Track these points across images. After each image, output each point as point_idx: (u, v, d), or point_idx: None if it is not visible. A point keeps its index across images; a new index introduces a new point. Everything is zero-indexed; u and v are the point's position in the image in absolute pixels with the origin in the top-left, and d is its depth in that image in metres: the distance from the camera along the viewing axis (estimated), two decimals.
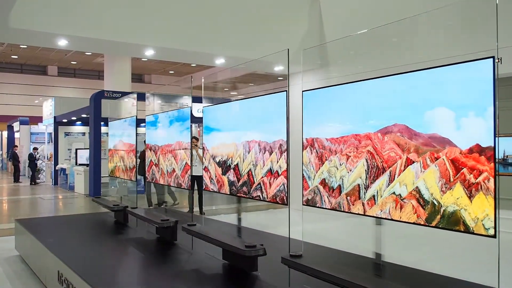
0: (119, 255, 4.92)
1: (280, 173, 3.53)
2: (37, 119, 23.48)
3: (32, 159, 18.33)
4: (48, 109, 19.42)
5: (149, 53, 9.81)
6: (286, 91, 3.49)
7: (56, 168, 17.74)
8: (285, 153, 3.48)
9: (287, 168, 3.45)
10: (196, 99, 7.00)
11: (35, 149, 19.38)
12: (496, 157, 2.17)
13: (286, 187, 3.49)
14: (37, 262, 5.36)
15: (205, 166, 4.65)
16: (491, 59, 2.21)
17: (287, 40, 10.04)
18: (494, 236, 2.21)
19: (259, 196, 3.78)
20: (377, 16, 8.89)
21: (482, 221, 2.23)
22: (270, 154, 3.62)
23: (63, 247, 5.04)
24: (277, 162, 3.55)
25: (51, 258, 4.63)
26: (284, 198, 3.51)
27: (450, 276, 3.86)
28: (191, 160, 4.83)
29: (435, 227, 2.48)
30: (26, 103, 28.51)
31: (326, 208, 3.20)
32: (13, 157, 19.89)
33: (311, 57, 10.43)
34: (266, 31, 10.04)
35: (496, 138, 2.16)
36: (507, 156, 8.10)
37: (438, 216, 2.43)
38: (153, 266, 4.38)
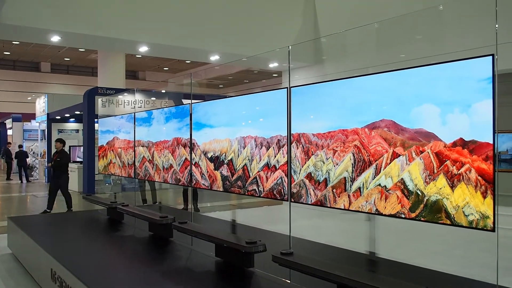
0: (113, 252, 4.90)
1: (277, 167, 3.58)
2: (30, 116, 23.31)
3: (22, 157, 18.28)
4: (41, 106, 19.28)
5: (143, 49, 9.76)
6: (287, 87, 3.51)
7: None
8: (283, 148, 3.54)
9: (288, 164, 3.47)
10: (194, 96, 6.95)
11: (20, 146, 19.53)
12: (495, 153, 2.26)
13: (283, 181, 3.53)
14: (30, 260, 5.32)
15: (195, 162, 4.65)
16: (490, 56, 2.28)
17: (281, 37, 10.04)
18: (493, 229, 2.29)
19: (254, 190, 3.81)
20: (372, 13, 8.90)
21: (462, 208, 2.39)
22: (267, 149, 3.66)
23: (56, 245, 5.02)
24: (275, 156, 3.59)
25: (44, 256, 4.60)
26: (282, 191, 3.55)
27: (443, 271, 3.88)
28: (191, 157, 4.80)
29: (421, 220, 2.57)
30: (19, 100, 28.29)
31: (313, 204, 3.27)
32: (6, 154, 19.79)
33: (304, 54, 10.45)
34: (260, 27, 10.02)
35: (496, 135, 2.25)
36: (499, 152, 8.16)
37: (421, 205, 2.57)
38: (147, 263, 4.36)
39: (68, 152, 10.06)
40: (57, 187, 9.73)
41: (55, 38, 8.63)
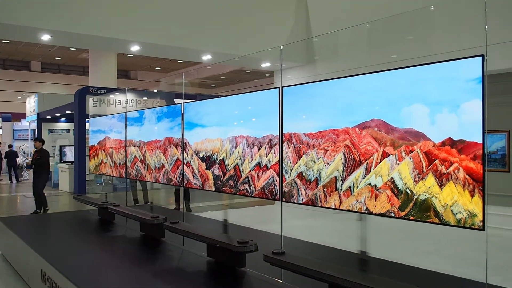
0: (103, 253, 4.87)
1: (269, 167, 3.59)
2: (20, 116, 23.10)
3: (12, 157, 18.14)
4: (31, 105, 19.13)
5: (135, 48, 9.71)
6: (279, 87, 3.51)
7: None
8: (274, 148, 3.55)
9: (280, 163, 3.48)
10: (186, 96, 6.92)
11: (10, 146, 19.32)
12: (485, 153, 2.29)
13: (275, 180, 3.54)
14: (20, 261, 5.28)
15: (187, 162, 4.64)
16: (480, 57, 2.31)
17: (274, 37, 10.04)
18: (483, 228, 2.32)
19: (246, 189, 3.81)
20: (364, 13, 8.93)
21: (451, 207, 2.42)
22: (259, 148, 3.67)
23: (46, 245, 4.98)
24: (266, 156, 3.60)
25: (34, 257, 4.56)
26: (273, 190, 3.56)
27: (434, 271, 3.91)
28: (182, 157, 4.79)
29: (410, 219, 2.61)
30: (9, 99, 27.99)
31: (304, 204, 3.29)
32: None
33: (296, 54, 10.46)
34: (253, 27, 10.02)
35: (485, 135, 2.28)
36: (489, 152, 8.23)
37: (411, 204, 2.60)
38: (138, 263, 4.35)
39: (48, 151, 9.89)
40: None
41: (45, 37, 8.55)
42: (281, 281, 3.51)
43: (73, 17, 8.08)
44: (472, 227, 2.34)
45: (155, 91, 15.52)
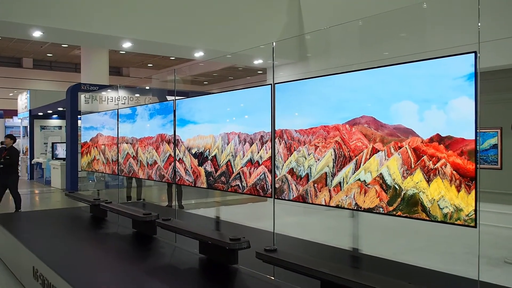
0: (96, 250, 4.85)
1: (260, 163, 3.61)
2: (12, 113, 22.92)
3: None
4: (23, 102, 18.98)
5: (127, 45, 9.65)
6: (271, 84, 3.51)
7: (32, 162, 17.38)
8: (266, 144, 3.57)
9: (272, 160, 3.50)
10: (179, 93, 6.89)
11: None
12: (478, 149, 2.31)
13: (266, 176, 3.56)
14: (12, 258, 5.25)
15: (180, 158, 4.64)
16: (471, 54, 2.33)
17: (266, 34, 10.03)
18: (475, 225, 2.33)
19: (238, 185, 3.82)
20: (357, 10, 8.94)
21: (437, 202, 2.46)
22: (251, 145, 3.68)
23: (38, 243, 4.95)
24: (258, 152, 3.61)
25: (26, 254, 4.54)
26: (265, 186, 3.58)
27: (426, 267, 3.94)
28: (174, 154, 4.79)
29: (398, 215, 2.64)
30: (0, 96, 27.77)
31: (295, 200, 3.31)
32: None
33: (288, 51, 10.45)
34: (245, 24, 10.00)
35: (478, 132, 2.31)
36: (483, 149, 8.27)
37: (399, 199, 2.64)
38: (130, 260, 4.34)
39: (18, 150, 9.40)
40: (5, 187, 9.03)
41: (37, 34, 8.47)
42: (273, 278, 3.52)
43: (65, 14, 8.02)
44: (458, 222, 2.36)
45: (148, 88, 15.46)
